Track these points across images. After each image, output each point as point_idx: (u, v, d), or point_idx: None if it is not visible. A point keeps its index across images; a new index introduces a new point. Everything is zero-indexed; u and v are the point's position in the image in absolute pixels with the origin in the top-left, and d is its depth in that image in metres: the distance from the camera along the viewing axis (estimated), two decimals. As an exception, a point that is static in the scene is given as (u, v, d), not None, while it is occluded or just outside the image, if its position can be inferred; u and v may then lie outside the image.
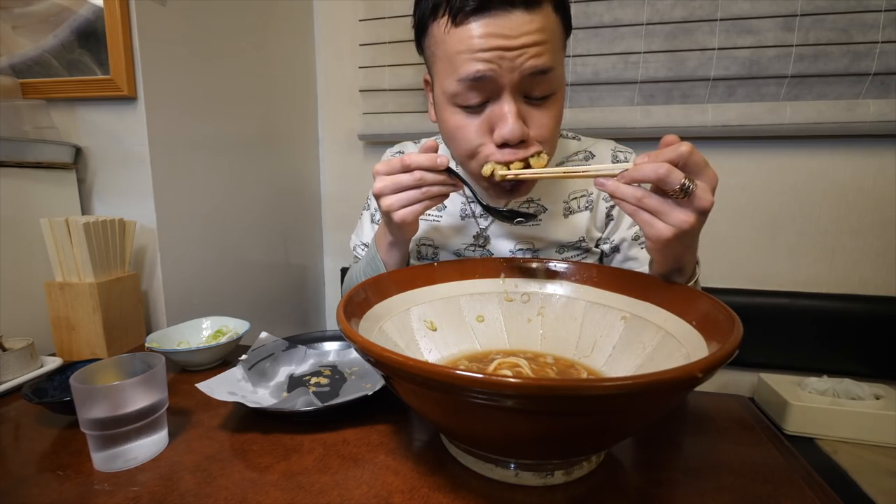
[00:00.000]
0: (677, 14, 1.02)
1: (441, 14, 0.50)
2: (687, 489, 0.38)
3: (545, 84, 0.50)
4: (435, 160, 0.50)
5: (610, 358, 0.47)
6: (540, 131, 0.52)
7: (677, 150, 0.39)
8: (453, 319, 0.53)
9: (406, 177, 0.50)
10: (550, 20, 0.49)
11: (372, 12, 1.20)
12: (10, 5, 0.74)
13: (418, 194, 0.51)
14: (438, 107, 0.56)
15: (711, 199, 0.40)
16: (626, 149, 0.68)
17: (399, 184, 0.50)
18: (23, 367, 0.57)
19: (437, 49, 0.52)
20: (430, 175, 0.50)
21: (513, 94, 0.50)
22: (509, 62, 0.48)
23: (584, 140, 0.69)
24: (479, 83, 0.49)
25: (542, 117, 0.52)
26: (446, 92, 0.52)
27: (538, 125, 0.52)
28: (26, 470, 0.41)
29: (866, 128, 0.98)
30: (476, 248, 0.67)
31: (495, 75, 0.48)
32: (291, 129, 1.22)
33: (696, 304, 0.42)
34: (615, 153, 0.67)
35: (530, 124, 0.52)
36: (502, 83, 0.49)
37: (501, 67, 0.48)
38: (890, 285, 1.05)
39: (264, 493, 0.37)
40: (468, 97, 0.51)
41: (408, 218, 0.51)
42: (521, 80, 0.49)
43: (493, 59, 0.48)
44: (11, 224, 0.68)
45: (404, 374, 0.30)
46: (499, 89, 0.50)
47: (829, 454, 0.86)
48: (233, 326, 0.69)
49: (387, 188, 0.51)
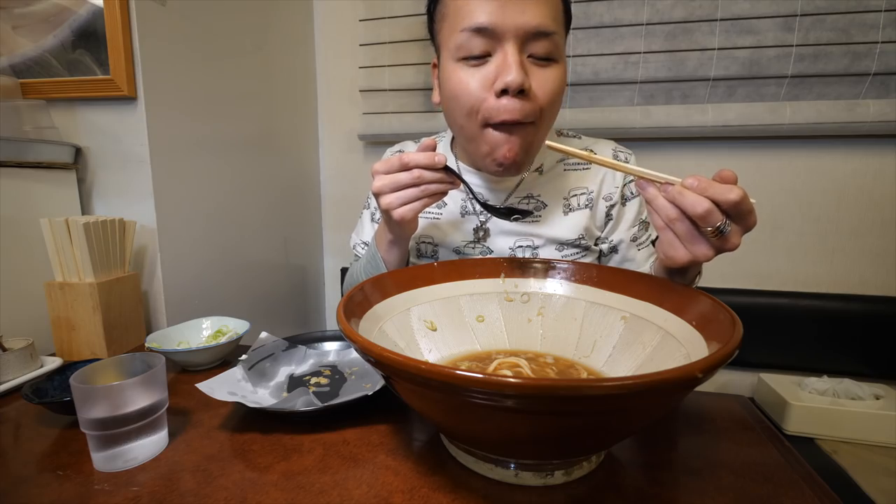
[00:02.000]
0: (677, 14, 1.02)
1: None
2: (687, 489, 0.38)
3: (546, 45, 0.51)
4: (433, 158, 0.50)
5: (610, 358, 0.47)
6: (542, 89, 0.53)
7: (726, 195, 0.38)
8: (453, 319, 0.53)
9: (404, 175, 0.50)
10: None
11: (372, 12, 1.20)
12: (10, 5, 0.74)
13: (417, 192, 0.51)
14: (445, 72, 0.57)
15: (739, 243, 0.39)
16: (625, 149, 0.68)
17: (397, 182, 0.50)
18: (23, 367, 0.57)
19: (447, 8, 0.54)
20: (429, 173, 0.50)
21: (516, 45, 0.51)
22: (513, 14, 0.50)
23: (585, 139, 0.69)
24: (482, 31, 0.51)
25: (546, 77, 0.53)
26: (451, 48, 0.54)
27: (541, 83, 0.52)
28: (26, 470, 0.41)
29: (866, 128, 0.98)
30: (476, 245, 0.67)
31: (499, 22, 0.50)
32: (291, 130, 1.22)
33: (696, 304, 0.42)
34: (615, 153, 0.67)
35: (533, 80, 0.52)
36: (505, 33, 0.50)
37: (506, 16, 0.50)
38: (890, 285, 1.05)
39: (264, 493, 0.37)
40: (471, 47, 0.52)
41: (407, 216, 0.51)
42: (523, 33, 0.50)
43: (499, 7, 0.50)
44: (11, 224, 0.68)
45: (404, 374, 0.30)
46: (502, 39, 0.51)
47: (829, 454, 0.86)
48: (233, 326, 0.69)
49: (385, 186, 0.51)
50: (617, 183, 0.66)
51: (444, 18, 0.56)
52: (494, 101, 0.52)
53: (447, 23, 0.55)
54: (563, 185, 0.66)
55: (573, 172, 0.67)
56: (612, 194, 0.66)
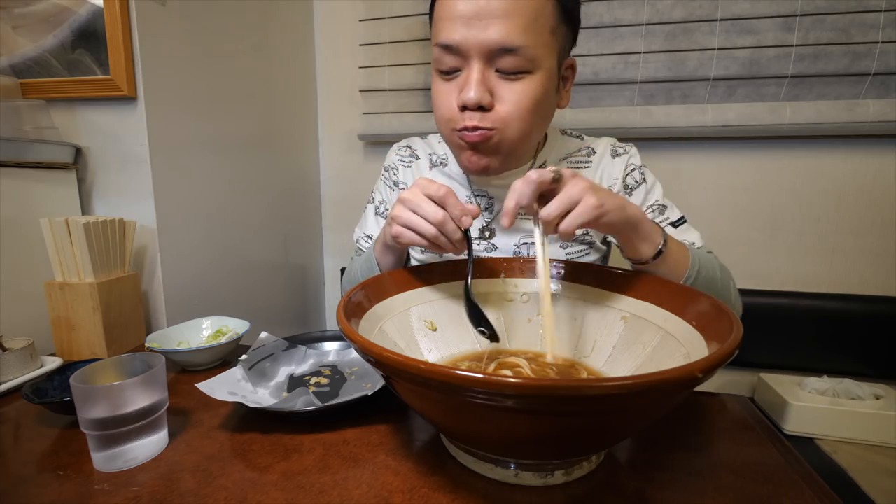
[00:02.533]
0: (677, 14, 1.02)
1: None
2: (687, 489, 0.38)
3: (513, 61, 0.52)
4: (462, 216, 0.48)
5: (610, 358, 0.47)
6: (504, 105, 0.53)
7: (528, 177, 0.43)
8: (453, 319, 0.53)
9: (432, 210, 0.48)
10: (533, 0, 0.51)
11: (372, 12, 1.20)
12: (10, 5, 0.74)
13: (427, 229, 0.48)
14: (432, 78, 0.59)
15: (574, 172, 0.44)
16: (624, 144, 0.69)
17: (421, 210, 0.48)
18: (23, 367, 0.57)
19: (434, 15, 0.56)
20: (451, 226, 0.48)
21: (481, 62, 0.52)
22: (477, 30, 0.50)
23: (587, 139, 0.71)
24: (450, 49, 0.53)
25: (511, 92, 0.53)
26: (432, 59, 0.56)
27: (504, 99, 0.53)
28: (26, 470, 0.41)
29: (866, 128, 0.98)
30: (481, 241, 0.67)
31: (463, 41, 0.51)
32: (291, 130, 1.22)
33: (696, 304, 0.42)
34: (615, 148, 0.68)
35: (496, 96, 0.53)
36: (469, 50, 0.52)
37: (469, 35, 0.51)
38: (890, 285, 1.05)
39: (264, 493, 0.37)
40: (443, 62, 0.54)
41: (402, 239, 0.50)
42: (487, 51, 0.51)
43: (464, 26, 0.51)
44: (11, 224, 0.68)
45: (404, 374, 0.30)
46: (468, 57, 0.52)
47: (829, 454, 0.86)
48: (233, 326, 0.69)
49: (409, 202, 0.49)
50: (616, 175, 0.66)
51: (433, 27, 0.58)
52: (459, 114, 0.55)
53: (433, 33, 0.57)
54: None
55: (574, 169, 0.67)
56: (611, 186, 0.66)
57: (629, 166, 0.66)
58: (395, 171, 0.75)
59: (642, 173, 0.67)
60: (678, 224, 0.64)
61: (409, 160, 0.74)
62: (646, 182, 0.66)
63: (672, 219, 0.64)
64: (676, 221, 0.64)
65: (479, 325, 0.50)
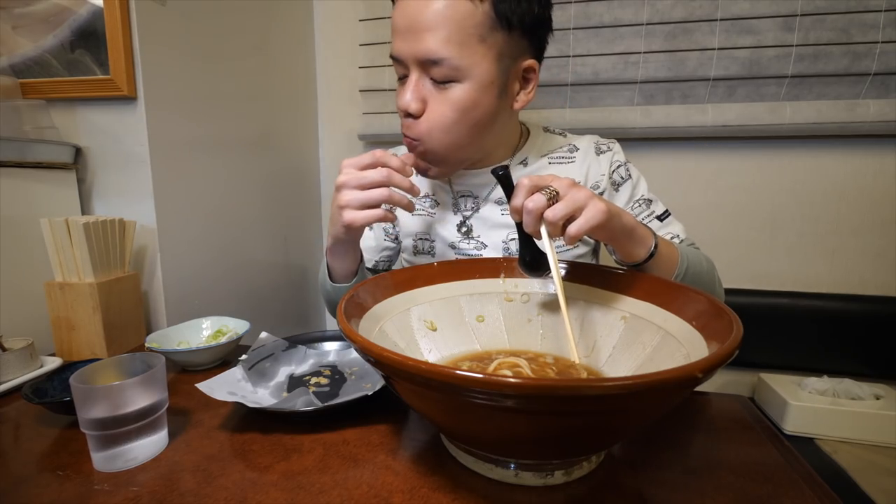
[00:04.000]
0: (677, 14, 1.02)
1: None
2: (687, 489, 0.38)
3: (441, 70, 0.53)
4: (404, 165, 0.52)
5: (610, 358, 0.47)
6: (434, 114, 0.56)
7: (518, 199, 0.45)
8: (453, 319, 0.53)
9: (373, 172, 0.51)
10: (460, 7, 0.51)
11: (372, 12, 1.20)
12: (10, 5, 0.74)
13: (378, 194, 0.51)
14: None
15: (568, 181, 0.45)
16: (607, 141, 0.70)
17: (363, 179, 0.51)
18: (23, 367, 0.57)
19: None
20: (398, 176, 0.52)
21: (417, 71, 0.55)
22: (409, 42, 0.53)
23: (570, 136, 0.72)
24: (395, 60, 0.56)
25: (440, 101, 0.56)
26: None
27: (434, 107, 0.56)
28: (26, 470, 0.41)
29: (866, 128, 0.98)
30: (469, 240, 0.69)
31: (400, 52, 0.54)
32: (291, 129, 1.21)
33: (696, 304, 0.42)
34: (598, 145, 0.69)
35: (428, 104, 0.56)
36: (406, 60, 0.55)
37: (404, 46, 0.54)
38: (890, 285, 1.05)
39: (264, 493, 0.37)
40: (396, 69, 0.58)
41: (356, 222, 0.52)
42: (418, 61, 0.54)
43: (401, 39, 0.54)
44: (11, 224, 0.68)
45: (404, 374, 0.30)
46: (408, 65, 0.55)
47: (829, 454, 0.86)
48: (233, 326, 0.69)
49: (351, 181, 0.52)
50: (602, 171, 0.67)
51: None
52: (403, 119, 0.59)
53: None
54: None
55: (558, 166, 0.68)
56: (598, 182, 0.67)
57: (614, 163, 0.68)
58: None
59: (627, 169, 0.68)
60: (663, 217, 0.66)
61: None
62: (631, 178, 0.68)
63: (657, 212, 0.66)
64: (661, 215, 0.66)
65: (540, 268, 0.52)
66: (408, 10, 0.53)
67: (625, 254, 0.51)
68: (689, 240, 0.66)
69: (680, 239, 0.64)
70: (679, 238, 0.64)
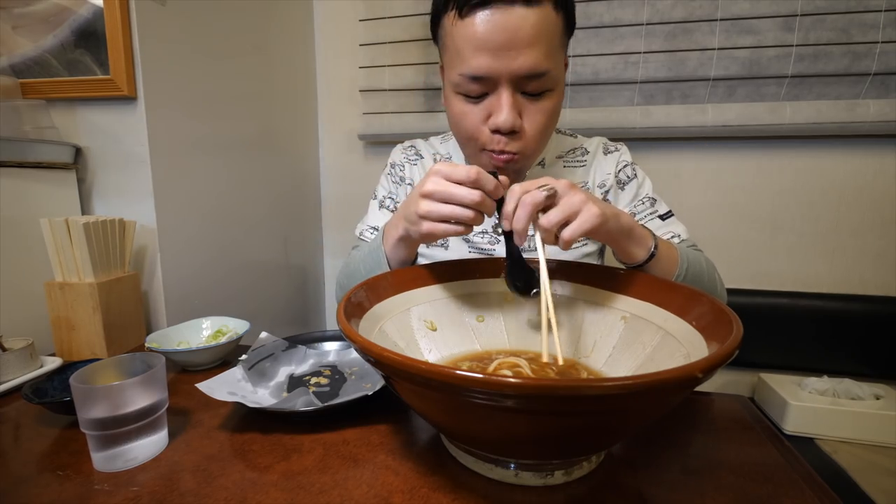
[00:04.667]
0: (677, 14, 1.02)
1: (451, 7, 0.53)
2: (687, 489, 0.38)
3: (540, 83, 0.53)
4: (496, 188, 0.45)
5: (610, 358, 0.47)
6: (533, 125, 0.56)
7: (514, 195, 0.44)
8: (453, 319, 0.53)
9: (462, 192, 0.44)
10: (550, 18, 0.51)
11: (372, 12, 1.20)
12: (10, 5, 0.74)
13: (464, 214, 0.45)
14: (447, 95, 0.60)
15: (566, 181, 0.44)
16: (615, 143, 0.72)
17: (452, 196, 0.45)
18: (23, 367, 0.57)
19: (447, 40, 0.56)
20: (488, 201, 0.45)
21: (509, 87, 0.53)
22: (506, 60, 0.51)
23: (580, 138, 0.73)
24: (478, 79, 0.53)
25: (536, 112, 0.55)
26: (452, 81, 0.56)
27: (532, 119, 0.56)
28: (26, 470, 0.41)
29: (866, 128, 0.98)
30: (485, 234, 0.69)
31: (493, 73, 0.52)
32: (291, 129, 1.21)
33: (696, 304, 0.42)
34: (606, 146, 0.71)
35: (524, 117, 0.55)
36: (500, 78, 0.52)
37: (499, 65, 0.51)
38: (890, 285, 1.05)
39: (264, 493, 0.37)
40: (470, 89, 0.55)
41: (435, 234, 0.47)
42: (517, 78, 0.52)
43: (492, 57, 0.51)
44: (11, 224, 0.68)
45: (404, 374, 0.30)
46: (496, 82, 0.53)
47: (829, 454, 0.86)
48: (233, 326, 0.69)
49: (437, 193, 0.46)
50: (608, 171, 0.69)
51: (445, 49, 0.57)
52: (489, 136, 0.56)
53: (447, 55, 0.57)
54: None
55: (571, 169, 0.70)
56: (605, 181, 0.68)
57: (620, 163, 0.69)
58: (402, 168, 0.75)
59: (633, 169, 0.69)
60: (665, 217, 0.66)
61: (414, 158, 0.76)
62: (637, 178, 0.69)
63: (660, 212, 0.67)
64: (664, 215, 0.67)
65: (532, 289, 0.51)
66: (500, 27, 0.50)
67: (624, 255, 0.51)
68: (690, 241, 0.66)
69: (681, 239, 0.64)
70: (680, 238, 0.65)
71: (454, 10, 0.52)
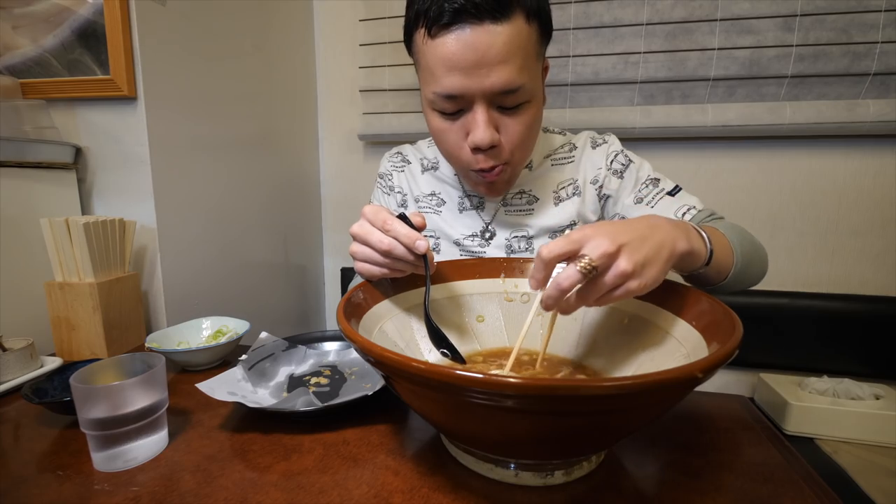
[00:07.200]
0: (677, 14, 1.02)
1: (421, 25, 0.52)
2: (687, 489, 0.38)
3: (515, 97, 0.53)
4: (414, 242, 0.44)
5: (610, 358, 0.47)
6: (510, 138, 0.55)
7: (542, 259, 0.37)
8: (453, 319, 0.53)
9: (377, 239, 0.45)
10: (522, 32, 0.50)
11: (372, 12, 1.20)
12: (10, 5, 0.74)
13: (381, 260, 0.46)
14: (425, 109, 0.59)
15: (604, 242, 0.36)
16: (602, 135, 0.71)
17: (368, 242, 0.46)
18: (23, 367, 0.57)
19: (419, 57, 0.55)
20: (400, 249, 0.44)
21: (484, 104, 0.53)
22: (479, 78, 0.50)
23: (568, 135, 0.73)
24: (452, 98, 0.53)
25: (514, 125, 0.55)
26: (427, 98, 0.56)
27: (509, 132, 0.55)
28: (26, 470, 0.41)
29: (866, 128, 0.98)
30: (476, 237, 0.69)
31: (466, 91, 0.51)
32: (291, 130, 1.22)
33: (696, 304, 0.42)
34: (594, 140, 0.71)
35: (502, 131, 0.55)
36: (473, 96, 0.52)
37: (471, 83, 0.51)
38: (890, 285, 1.05)
39: (264, 493, 0.37)
40: (445, 106, 0.54)
41: (364, 274, 0.48)
42: (490, 94, 0.52)
43: (464, 76, 0.50)
44: (11, 224, 0.68)
45: (404, 374, 0.30)
46: (471, 100, 0.53)
47: (829, 454, 0.86)
48: (233, 326, 0.69)
49: (358, 237, 0.47)
50: (599, 164, 0.68)
51: (419, 65, 0.56)
52: (470, 156, 0.56)
53: (421, 72, 0.56)
54: (550, 179, 0.69)
55: (559, 167, 0.70)
56: (598, 176, 0.68)
57: (611, 153, 0.68)
58: (390, 178, 0.76)
59: (626, 156, 0.68)
60: (674, 193, 0.65)
61: (400, 165, 0.76)
62: (633, 162, 0.68)
63: (667, 189, 0.65)
64: (672, 191, 0.65)
65: (441, 347, 0.47)
66: (470, 46, 0.49)
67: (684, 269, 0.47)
68: (708, 210, 0.63)
69: (697, 210, 0.62)
70: (696, 209, 0.62)
71: (424, 29, 0.51)
